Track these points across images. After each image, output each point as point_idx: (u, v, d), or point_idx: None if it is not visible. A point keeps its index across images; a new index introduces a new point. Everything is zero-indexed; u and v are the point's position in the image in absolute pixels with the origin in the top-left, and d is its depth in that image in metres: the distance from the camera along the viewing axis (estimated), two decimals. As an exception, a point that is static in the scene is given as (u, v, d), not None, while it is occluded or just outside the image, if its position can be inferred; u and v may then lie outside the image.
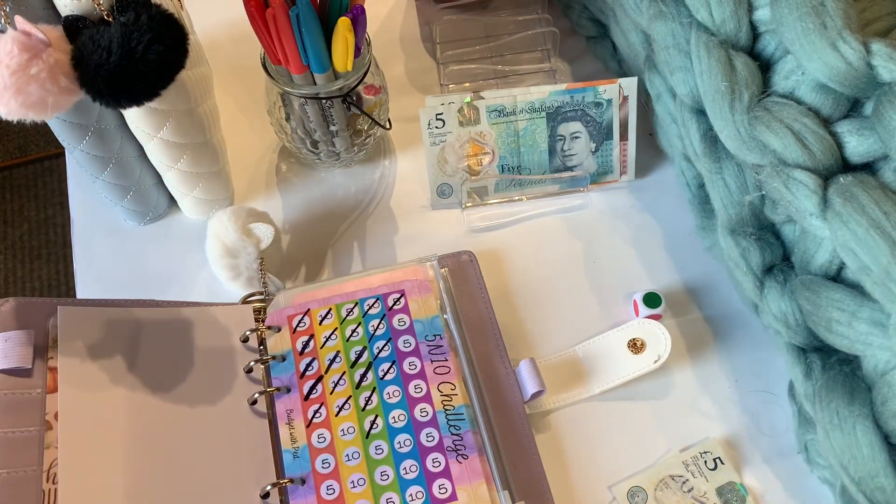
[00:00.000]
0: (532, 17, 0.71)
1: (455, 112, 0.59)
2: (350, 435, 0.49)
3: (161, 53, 0.42)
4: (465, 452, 0.48)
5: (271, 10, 0.49)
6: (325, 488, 0.47)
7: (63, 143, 0.54)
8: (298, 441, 0.49)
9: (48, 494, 0.45)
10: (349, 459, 0.48)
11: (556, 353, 0.55)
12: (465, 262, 0.57)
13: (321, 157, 0.62)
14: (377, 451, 0.49)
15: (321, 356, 0.52)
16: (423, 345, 0.52)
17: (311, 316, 0.54)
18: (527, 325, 0.57)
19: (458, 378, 0.51)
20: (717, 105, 0.46)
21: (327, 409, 0.50)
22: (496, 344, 0.54)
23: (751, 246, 0.49)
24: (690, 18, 0.49)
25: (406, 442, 0.49)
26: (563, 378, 0.54)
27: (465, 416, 0.50)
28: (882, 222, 0.39)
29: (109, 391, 0.49)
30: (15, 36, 0.40)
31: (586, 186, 0.62)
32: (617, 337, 0.54)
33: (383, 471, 0.48)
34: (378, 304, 0.54)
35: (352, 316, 0.53)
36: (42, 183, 1.48)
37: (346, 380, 0.51)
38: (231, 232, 0.55)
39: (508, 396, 0.52)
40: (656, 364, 0.52)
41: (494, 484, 0.48)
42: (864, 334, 0.41)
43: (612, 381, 0.53)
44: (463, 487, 0.47)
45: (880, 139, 0.41)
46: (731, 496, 0.50)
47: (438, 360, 0.52)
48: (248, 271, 0.56)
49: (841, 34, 0.41)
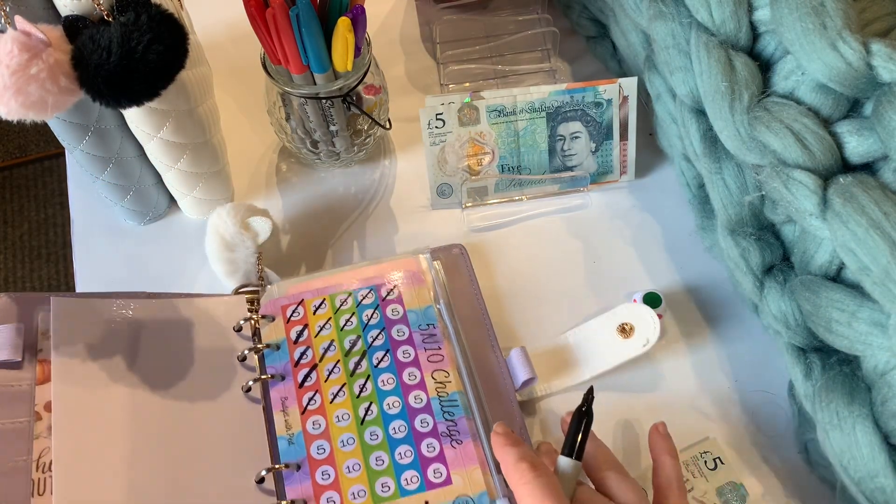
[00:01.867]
0: (532, 17, 0.71)
1: (455, 112, 0.59)
2: (345, 421, 0.50)
3: (161, 53, 0.42)
4: (460, 438, 0.49)
5: (271, 10, 0.49)
6: (321, 473, 0.48)
7: (63, 143, 0.54)
8: (293, 428, 0.50)
9: (38, 484, 0.46)
10: (344, 445, 0.49)
11: (547, 341, 0.55)
12: (457, 256, 0.58)
13: (321, 157, 0.62)
14: (372, 437, 0.49)
15: (315, 345, 0.53)
16: (416, 334, 0.53)
17: (305, 306, 0.54)
18: (526, 323, 0.57)
19: (452, 366, 0.52)
20: (717, 105, 0.47)
21: (322, 396, 0.51)
22: (488, 333, 0.55)
23: (751, 246, 0.49)
24: (690, 18, 0.49)
25: (401, 428, 0.49)
26: (553, 365, 0.54)
27: (459, 403, 0.50)
28: (882, 222, 0.39)
29: (103, 382, 0.49)
30: (15, 36, 0.40)
31: (586, 186, 0.62)
32: (606, 322, 0.54)
33: (378, 456, 0.48)
34: (372, 294, 0.55)
35: (346, 306, 0.54)
36: (42, 183, 1.48)
37: (340, 368, 0.52)
38: (230, 226, 0.55)
39: (500, 384, 0.52)
40: (645, 348, 0.52)
41: (489, 468, 0.48)
42: (863, 334, 0.41)
43: (601, 366, 0.53)
44: (457, 472, 0.48)
45: (880, 139, 0.41)
46: (731, 496, 0.50)
47: (432, 348, 0.52)
48: (246, 265, 0.56)
49: (841, 34, 0.41)
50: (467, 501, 0.47)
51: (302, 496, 0.47)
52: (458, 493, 0.47)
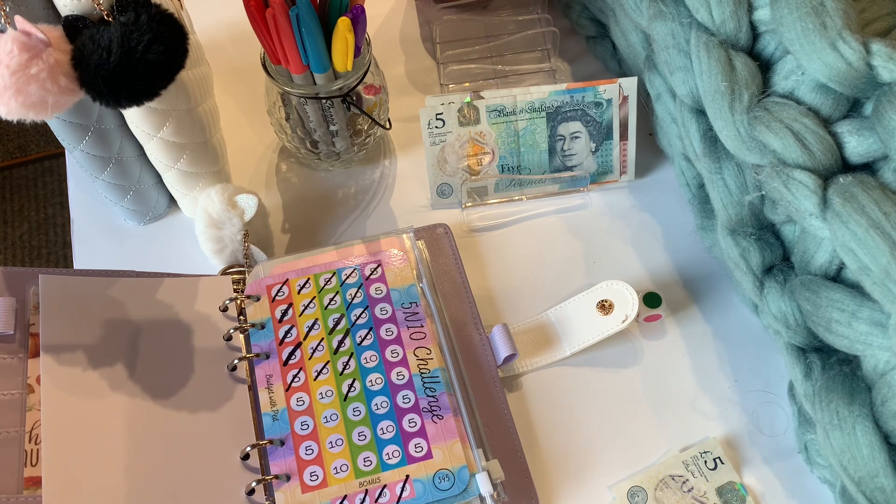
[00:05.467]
0: (532, 17, 0.71)
1: (455, 112, 0.59)
2: (328, 398, 0.50)
3: (161, 53, 0.42)
4: (441, 413, 0.50)
5: (271, 10, 0.49)
6: (304, 449, 0.49)
7: (63, 143, 0.54)
8: (278, 404, 0.51)
9: (31, 454, 0.47)
10: (327, 421, 0.50)
11: (529, 319, 0.56)
12: (441, 235, 0.59)
13: (321, 157, 0.62)
14: (355, 412, 0.50)
15: (300, 324, 0.53)
16: (399, 312, 0.54)
17: (289, 285, 0.55)
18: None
19: (434, 343, 0.53)
20: (716, 105, 0.47)
21: (306, 373, 0.51)
22: (471, 311, 0.55)
23: (751, 246, 0.49)
24: (690, 18, 0.49)
25: (383, 404, 0.50)
26: (535, 342, 0.55)
27: (441, 379, 0.51)
28: (882, 222, 0.39)
29: (89, 360, 0.50)
30: (15, 36, 0.40)
31: (586, 186, 0.62)
32: (586, 299, 0.55)
33: (361, 431, 0.49)
34: (355, 273, 0.55)
35: (330, 285, 0.55)
36: (42, 183, 1.48)
37: (324, 346, 0.52)
38: (216, 203, 0.56)
39: (482, 361, 0.53)
40: (624, 324, 0.53)
41: (469, 443, 0.49)
42: (863, 334, 0.41)
43: (582, 342, 0.54)
44: (438, 446, 0.49)
45: (880, 139, 0.41)
46: (731, 496, 0.50)
47: (415, 326, 0.53)
48: (233, 244, 0.57)
49: (841, 34, 0.41)
50: (447, 475, 0.48)
51: (286, 471, 0.48)
52: (439, 466, 0.48)
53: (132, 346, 0.52)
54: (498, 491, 0.48)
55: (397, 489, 0.47)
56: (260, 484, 0.48)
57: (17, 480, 0.46)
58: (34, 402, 0.49)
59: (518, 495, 0.49)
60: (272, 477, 0.48)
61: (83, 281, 0.53)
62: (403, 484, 0.48)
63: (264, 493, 0.48)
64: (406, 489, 0.47)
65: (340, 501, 0.47)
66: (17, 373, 0.50)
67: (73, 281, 0.52)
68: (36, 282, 0.52)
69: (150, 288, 0.54)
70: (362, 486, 0.48)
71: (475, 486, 0.48)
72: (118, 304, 0.53)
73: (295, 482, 0.48)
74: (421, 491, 0.47)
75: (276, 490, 0.48)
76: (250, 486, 0.48)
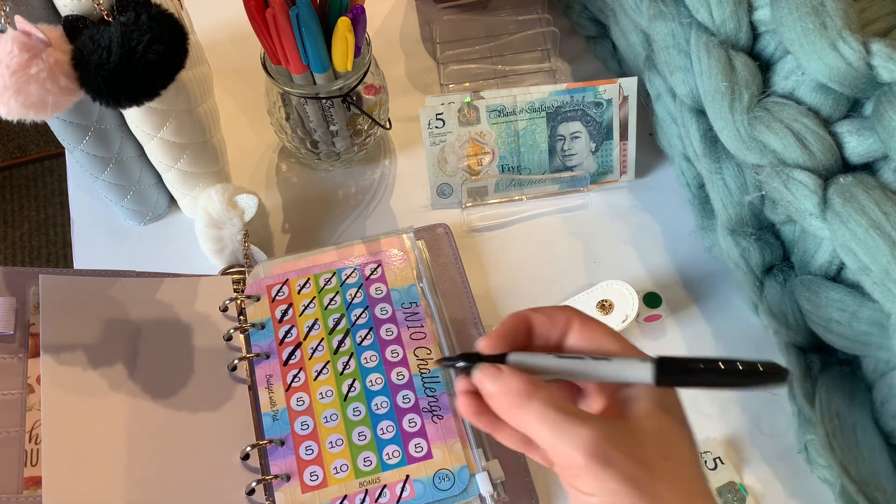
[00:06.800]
0: (532, 17, 0.71)
1: (455, 112, 0.59)
2: (328, 398, 0.51)
3: (161, 53, 0.42)
4: (441, 413, 0.50)
5: (271, 10, 0.49)
6: (304, 449, 0.49)
7: (63, 143, 0.54)
8: (278, 404, 0.51)
9: (31, 454, 0.47)
10: (327, 421, 0.50)
11: None
12: (441, 235, 0.59)
13: (321, 157, 0.62)
14: (355, 412, 0.50)
15: (300, 323, 0.53)
16: (399, 312, 0.54)
17: (289, 285, 0.55)
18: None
19: (434, 343, 0.53)
20: (717, 105, 0.47)
21: (306, 373, 0.51)
22: (471, 311, 0.55)
23: (751, 246, 0.49)
24: (690, 18, 0.49)
25: (383, 404, 0.50)
26: None
27: (441, 379, 0.51)
28: (882, 222, 0.39)
29: (89, 359, 0.50)
30: (15, 36, 0.40)
31: (586, 186, 0.62)
32: (586, 299, 0.55)
33: (361, 431, 0.49)
34: (355, 273, 0.55)
35: (330, 285, 0.55)
36: (42, 183, 1.48)
37: (324, 346, 0.52)
38: (216, 203, 0.56)
39: None
40: (624, 324, 0.53)
41: (469, 442, 0.49)
42: (864, 334, 0.41)
43: None
44: (438, 446, 0.49)
45: (880, 139, 0.41)
46: (731, 496, 0.50)
47: (415, 326, 0.53)
48: (233, 244, 0.57)
49: (841, 34, 0.41)
50: (447, 475, 0.48)
51: (286, 471, 0.48)
52: (439, 466, 0.48)
53: (132, 346, 0.52)
54: (498, 491, 0.48)
55: (397, 489, 0.47)
56: (260, 484, 0.48)
57: (17, 480, 0.46)
58: (34, 402, 0.49)
59: (518, 495, 0.49)
60: (272, 477, 0.48)
61: (83, 281, 0.53)
62: (403, 484, 0.48)
63: (264, 493, 0.48)
64: (406, 489, 0.47)
65: (340, 501, 0.47)
66: (17, 373, 0.49)
67: (73, 281, 0.52)
68: (36, 282, 0.52)
69: (150, 288, 0.54)
70: (362, 486, 0.48)
71: (475, 485, 0.48)
72: (118, 304, 0.53)
73: (295, 482, 0.48)
74: (421, 491, 0.47)
75: (276, 490, 0.48)
76: (250, 486, 0.48)
